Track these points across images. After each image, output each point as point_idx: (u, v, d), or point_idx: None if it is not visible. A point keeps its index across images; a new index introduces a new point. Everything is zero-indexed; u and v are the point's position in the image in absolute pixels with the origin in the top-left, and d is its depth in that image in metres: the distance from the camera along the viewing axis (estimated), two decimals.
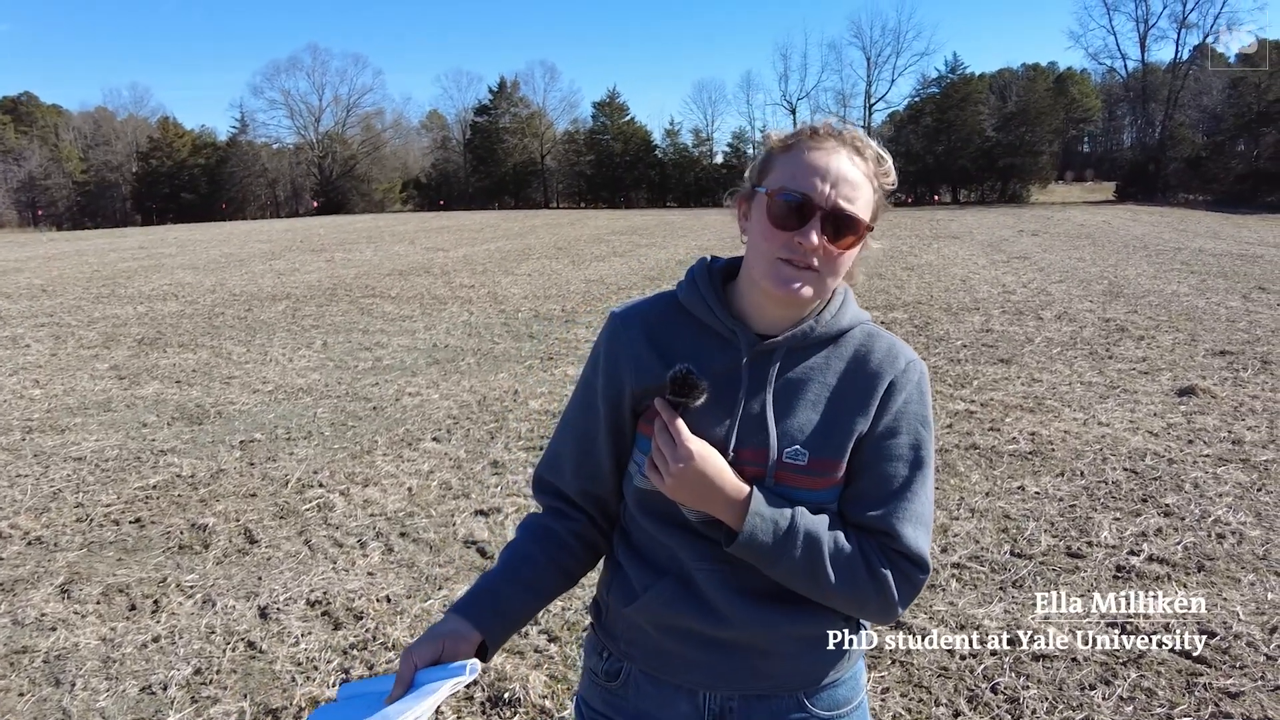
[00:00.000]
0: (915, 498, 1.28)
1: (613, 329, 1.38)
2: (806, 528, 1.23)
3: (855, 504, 1.29)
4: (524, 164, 64.58)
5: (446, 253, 21.49)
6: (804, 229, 1.22)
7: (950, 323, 10.14)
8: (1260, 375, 7.25)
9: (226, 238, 30.51)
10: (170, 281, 16.32)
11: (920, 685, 3.05)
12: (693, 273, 1.38)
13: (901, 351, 1.34)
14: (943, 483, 4.93)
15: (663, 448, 1.24)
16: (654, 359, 1.32)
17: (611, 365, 1.35)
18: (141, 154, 64.87)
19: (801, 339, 1.31)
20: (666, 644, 1.34)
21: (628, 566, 1.38)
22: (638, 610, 1.34)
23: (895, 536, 1.26)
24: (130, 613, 3.67)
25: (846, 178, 1.24)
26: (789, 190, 1.23)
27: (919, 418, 1.31)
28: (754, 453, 1.27)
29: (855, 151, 1.27)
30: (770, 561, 1.24)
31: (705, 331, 1.33)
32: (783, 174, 1.26)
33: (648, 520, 1.34)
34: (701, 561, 1.30)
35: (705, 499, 1.24)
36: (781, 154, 1.28)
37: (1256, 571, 3.80)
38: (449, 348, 9.31)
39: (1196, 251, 17.74)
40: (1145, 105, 54.36)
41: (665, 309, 1.37)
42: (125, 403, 7.20)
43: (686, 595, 1.31)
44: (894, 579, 1.25)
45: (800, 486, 1.27)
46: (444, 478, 5.19)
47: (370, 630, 3.48)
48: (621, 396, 1.34)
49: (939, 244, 21.27)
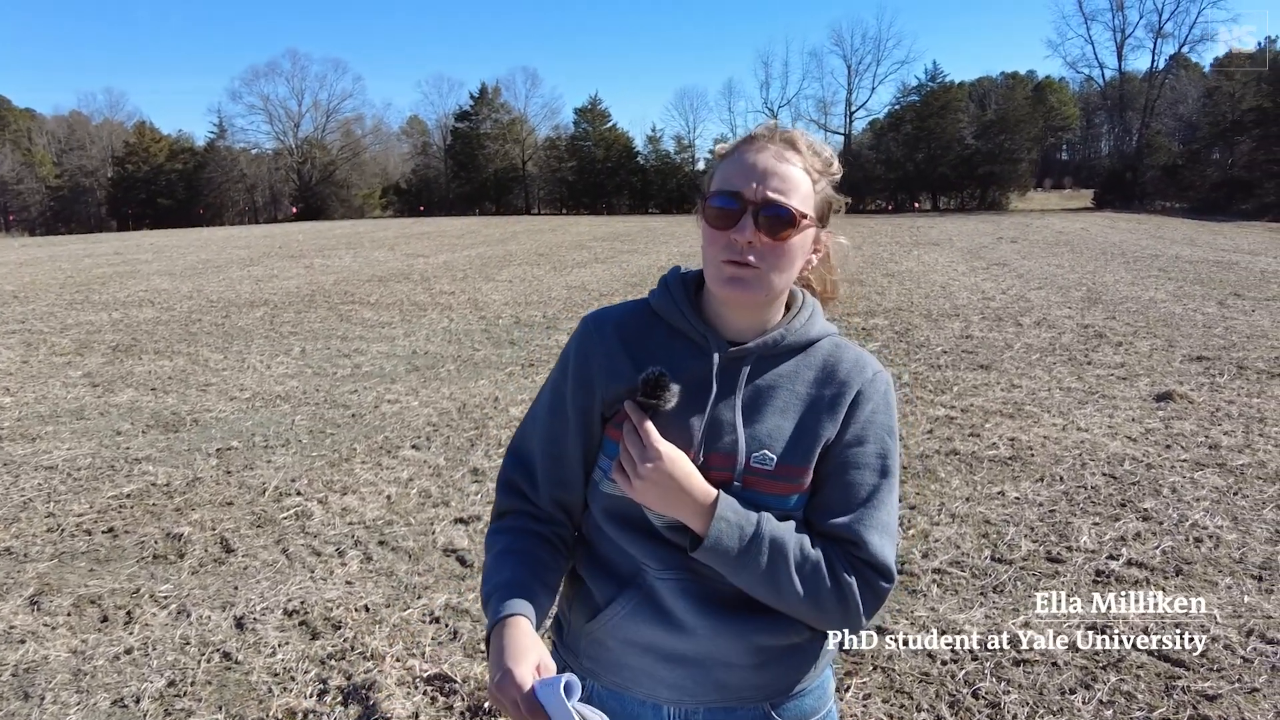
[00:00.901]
0: (881, 506, 1.29)
1: (585, 333, 1.37)
2: (772, 534, 1.23)
3: (821, 512, 1.29)
4: (505, 170, 64.44)
5: (427, 259, 21.40)
6: (738, 226, 1.24)
7: (930, 329, 10.19)
8: (1236, 380, 7.33)
9: (204, 244, 30.24)
10: (146, 288, 16.14)
11: (902, 691, 3.05)
12: (666, 280, 1.39)
13: (868, 363, 1.36)
14: (923, 488, 4.94)
15: (631, 449, 1.24)
16: (626, 363, 1.32)
17: (583, 369, 1.35)
18: (117, 159, 64.09)
19: (772, 346, 1.32)
20: (629, 659, 1.32)
21: (589, 579, 1.36)
22: (599, 625, 1.33)
23: (861, 544, 1.26)
24: (102, 624, 3.61)
25: (776, 171, 1.25)
26: (721, 191, 1.26)
27: (885, 427, 1.33)
28: (722, 457, 1.27)
29: (788, 146, 1.28)
30: (735, 567, 1.23)
31: (677, 337, 1.34)
32: (719, 178, 1.29)
33: (612, 526, 1.33)
34: (665, 570, 1.29)
35: (671, 502, 1.23)
36: (720, 161, 1.32)
37: (1233, 575, 3.83)
38: (429, 354, 9.26)
39: (1173, 258, 17.95)
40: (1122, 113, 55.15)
41: (638, 315, 1.38)
42: (99, 410, 7.10)
43: (650, 608, 1.30)
44: (859, 588, 1.26)
45: (767, 492, 1.28)
46: (423, 485, 5.15)
47: (349, 640, 3.43)
48: (592, 401, 1.34)
49: (919, 251, 21.41)
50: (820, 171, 1.30)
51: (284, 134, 66.88)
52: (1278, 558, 3.99)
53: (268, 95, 66.77)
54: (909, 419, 6.32)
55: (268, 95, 66.77)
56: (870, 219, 41.14)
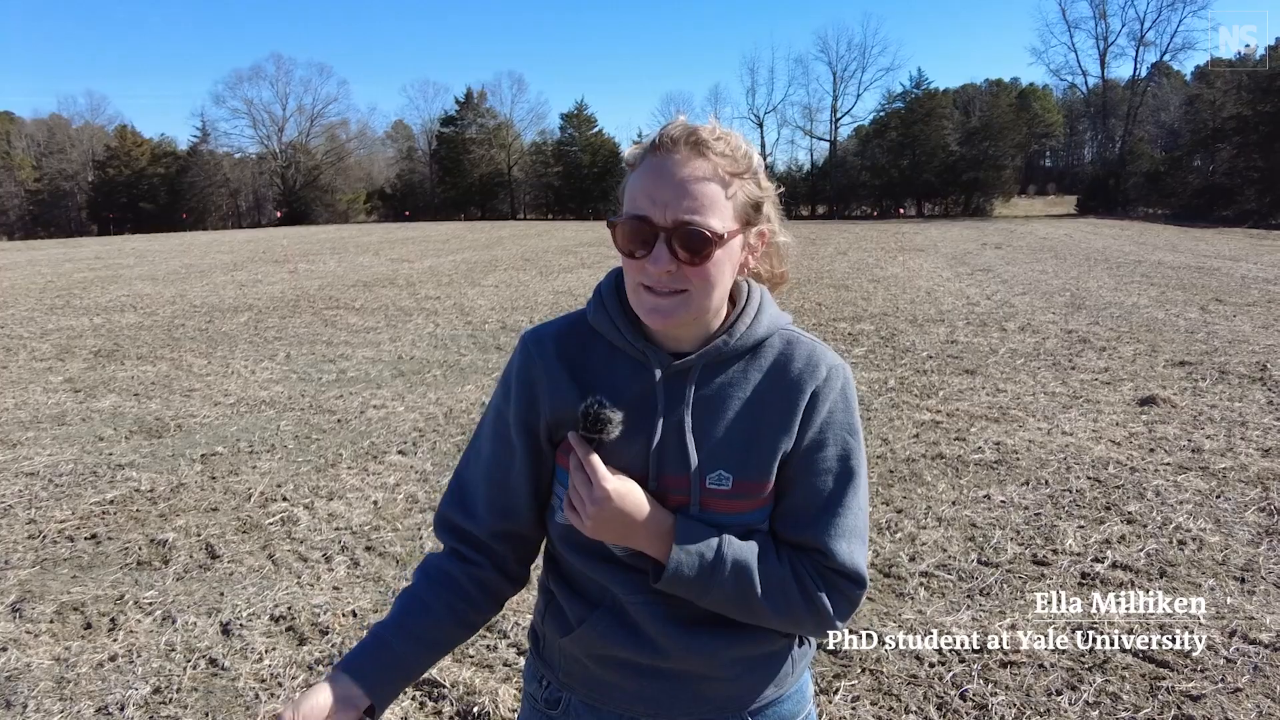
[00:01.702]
0: (847, 511, 1.23)
1: (525, 353, 1.29)
2: (734, 556, 1.19)
3: (786, 522, 1.24)
4: (491, 175, 64.46)
5: (412, 264, 21.34)
6: (651, 255, 1.14)
7: (916, 334, 10.24)
8: (1218, 385, 7.40)
9: (187, 248, 30.05)
10: (128, 293, 16.02)
11: (890, 693, 3.05)
12: (600, 291, 1.30)
13: (823, 358, 1.25)
14: (910, 492, 4.97)
15: (579, 488, 1.18)
16: (568, 383, 1.24)
17: (525, 391, 1.27)
18: (98, 162, 63.68)
19: (716, 354, 1.23)
20: (604, 675, 1.30)
21: (561, 597, 1.32)
22: (573, 643, 1.30)
23: (828, 554, 1.21)
24: (86, 631, 3.57)
25: (686, 189, 1.13)
26: (630, 216, 1.16)
27: (845, 426, 1.25)
28: (676, 480, 1.21)
29: (694, 152, 1.14)
30: (700, 593, 1.19)
31: (617, 353, 1.26)
32: (628, 197, 1.18)
33: (574, 555, 1.28)
34: (633, 594, 1.25)
35: (627, 536, 1.19)
36: (631, 175, 1.20)
37: (1216, 577, 3.87)
38: (415, 360, 9.23)
39: (1156, 264, 18.12)
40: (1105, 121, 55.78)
41: (577, 331, 1.29)
42: (80, 416, 7.03)
43: (621, 627, 1.26)
44: (829, 597, 1.22)
45: (727, 511, 1.22)
46: (410, 491, 5.12)
47: (336, 645, 3.41)
48: (537, 424, 1.27)
49: (904, 257, 21.52)
50: (734, 173, 1.16)
51: (268, 138, 66.80)
52: (1259, 559, 4.03)
53: (251, 99, 66.77)
54: (895, 423, 6.35)
55: (251, 99, 66.77)
56: (856, 225, 41.34)
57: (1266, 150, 40.30)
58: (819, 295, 13.80)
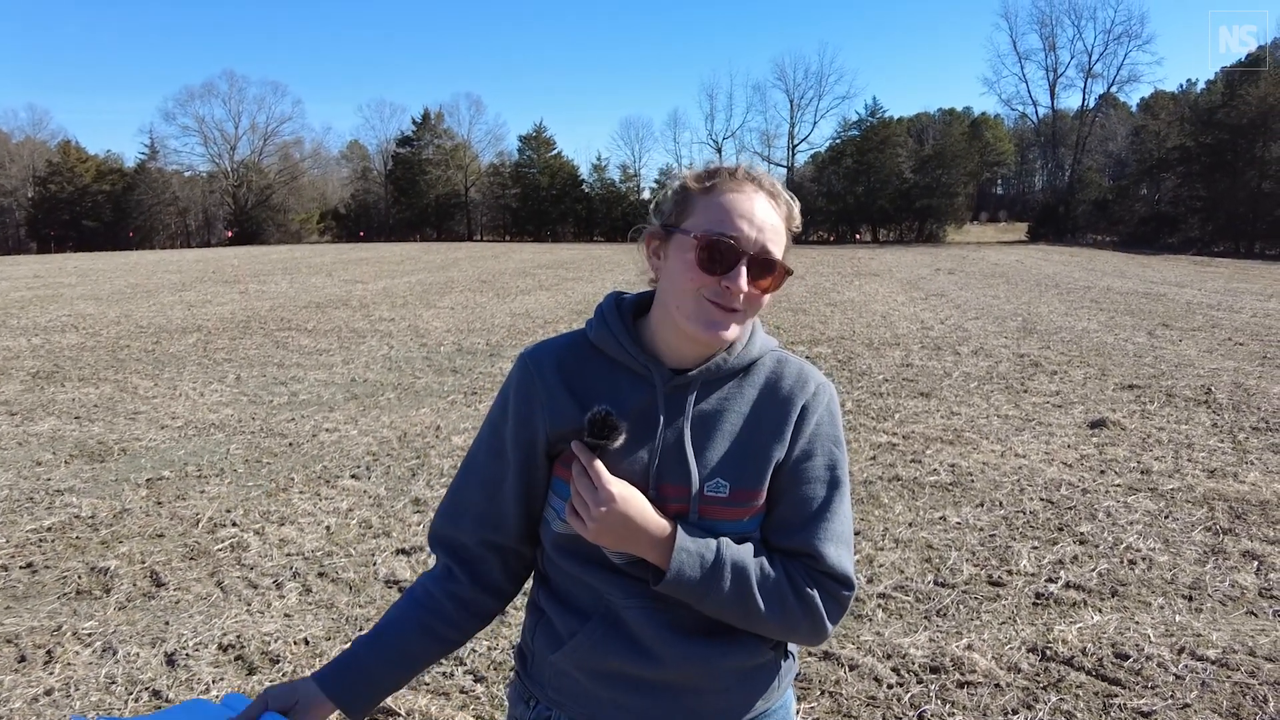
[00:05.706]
0: (835, 517, 1.30)
1: (524, 371, 1.34)
2: (733, 559, 1.24)
3: (777, 529, 1.30)
4: (447, 196, 64.10)
5: (365, 285, 21.10)
6: (732, 273, 1.23)
7: (872, 357, 10.37)
8: (1165, 408, 7.59)
9: (132, 267, 29.38)
10: (70, 312, 15.59)
11: (849, 715, 3.05)
12: (602, 310, 1.38)
13: (811, 376, 1.36)
14: (867, 514, 5.00)
15: (583, 492, 1.23)
16: (569, 400, 1.30)
17: (524, 408, 1.32)
18: (39, 178, 61.74)
19: (715, 371, 1.31)
20: (596, 690, 1.31)
21: (551, 612, 1.35)
22: (565, 656, 1.32)
23: (819, 558, 1.27)
24: (19, 664, 3.42)
25: (768, 222, 1.26)
26: (719, 235, 1.24)
27: (831, 438, 1.34)
28: (675, 488, 1.27)
29: (771, 197, 1.29)
30: (699, 596, 1.24)
31: (618, 369, 1.33)
32: (706, 217, 1.26)
33: (569, 563, 1.32)
34: (630, 599, 1.29)
35: (629, 541, 1.23)
36: (701, 196, 1.28)
37: (1165, 595, 3.94)
38: (368, 382, 9.09)
39: (1105, 290, 18.63)
40: (1055, 150, 57.44)
41: (576, 348, 1.36)
42: (16, 440, 6.79)
43: (616, 636, 1.29)
44: (821, 600, 1.27)
45: (724, 518, 1.28)
46: (364, 516, 5.02)
47: (288, 674, 3.31)
48: (535, 441, 1.32)
49: (860, 281, 21.84)
50: (788, 222, 1.32)
51: (219, 156, 65.72)
52: (1206, 578, 4.11)
53: (203, 116, 65.64)
54: (852, 445, 6.40)
55: (203, 116, 65.64)
56: (813, 249, 41.87)
57: (1209, 180, 41.84)
58: (777, 318, 13.92)
